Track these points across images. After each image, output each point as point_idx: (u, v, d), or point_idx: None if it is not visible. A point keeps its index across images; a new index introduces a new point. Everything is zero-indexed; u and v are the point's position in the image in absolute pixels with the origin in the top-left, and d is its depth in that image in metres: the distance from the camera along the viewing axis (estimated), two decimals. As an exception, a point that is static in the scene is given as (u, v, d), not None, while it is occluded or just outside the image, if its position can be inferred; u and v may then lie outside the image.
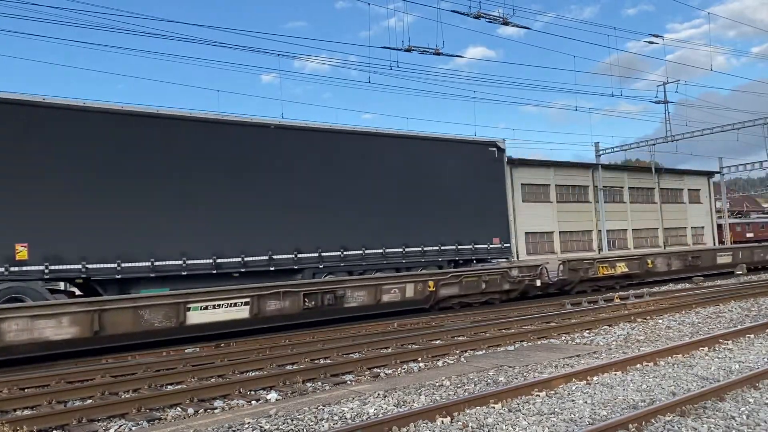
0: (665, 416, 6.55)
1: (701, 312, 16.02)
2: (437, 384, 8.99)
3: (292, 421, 7.21)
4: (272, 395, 9.18)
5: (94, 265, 15.75)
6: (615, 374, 8.84)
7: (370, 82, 44.63)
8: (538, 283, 21.26)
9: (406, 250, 20.84)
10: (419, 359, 11.47)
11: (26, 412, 8.90)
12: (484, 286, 19.89)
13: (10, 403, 9.21)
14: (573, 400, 7.47)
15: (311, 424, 7.08)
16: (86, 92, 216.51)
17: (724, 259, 30.21)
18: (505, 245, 22.96)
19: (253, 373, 10.82)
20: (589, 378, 8.56)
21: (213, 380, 10.53)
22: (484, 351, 12.14)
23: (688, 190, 53.57)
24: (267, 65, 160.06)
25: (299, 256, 18.91)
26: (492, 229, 22.66)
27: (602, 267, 23.57)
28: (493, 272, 20.47)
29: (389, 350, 12.59)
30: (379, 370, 10.73)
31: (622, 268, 24.61)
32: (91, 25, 26.86)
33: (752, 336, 11.81)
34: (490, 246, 22.58)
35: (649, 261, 26.06)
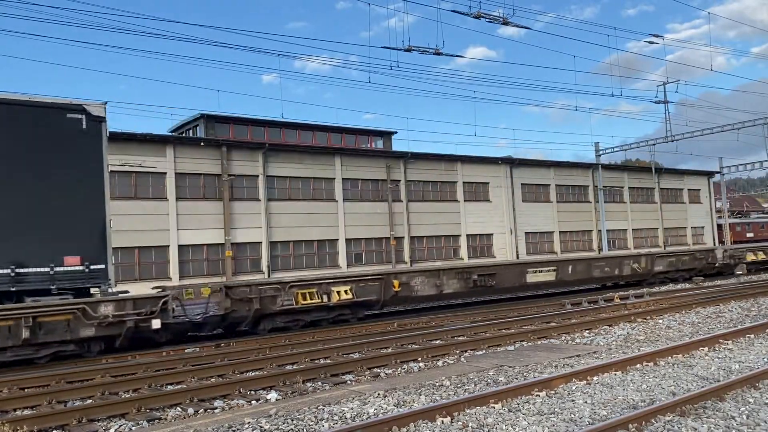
0: (665, 416, 6.55)
1: (701, 312, 16.02)
2: (437, 384, 8.99)
3: (292, 420, 7.21)
4: (272, 395, 9.19)
5: None
6: (615, 374, 8.84)
7: (370, 82, 44.74)
8: (156, 324, 14.07)
9: None
10: (419, 359, 11.48)
11: (26, 411, 8.90)
12: (27, 334, 12.46)
13: (11, 402, 9.21)
14: (573, 400, 7.47)
15: (311, 423, 7.08)
16: (89, 92, 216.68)
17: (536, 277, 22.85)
18: (93, 267, 14.00)
19: (253, 373, 10.82)
20: (589, 378, 8.57)
21: (213, 380, 10.53)
22: (484, 351, 12.14)
23: (688, 190, 53.58)
24: (267, 65, 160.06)
25: None
26: (67, 242, 13.84)
27: (301, 293, 16.58)
28: (59, 309, 13.06)
29: (389, 350, 12.59)
30: (379, 370, 10.74)
31: (341, 295, 17.28)
32: (93, 26, 26.91)
33: (752, 336, 11.81)
34: (58, 269, 13.61)
35: (395, 282, 18.64)
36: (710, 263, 29.84)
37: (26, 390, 10.38)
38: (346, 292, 17.46)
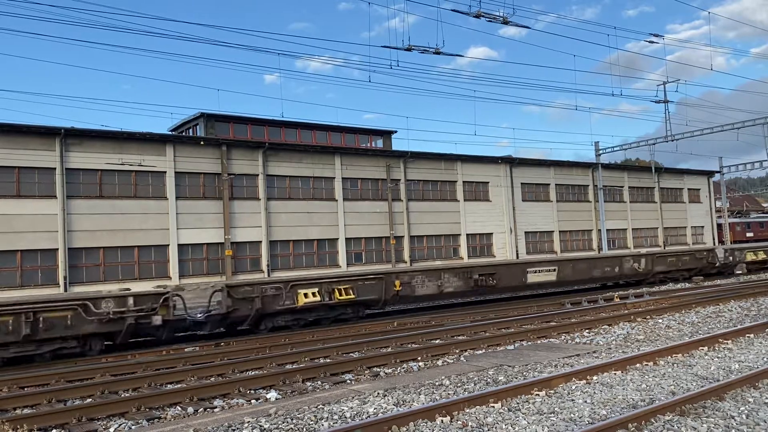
0: (665, 416, 6.55)
1: (701, 311, 16.03)
2: (437, 383, 8.99)
3: (292, 420, 7.21)
4: (272, 394, 9.19)
5: None
6: (615, 374, 8.84)
7: (370, 81, 44.69)
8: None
9: None
10: (419, 358, 11.48)
11: (26, 410, 8.91)
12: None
13: (11, 401, 9.22)
14: (573, 400, 7.47)
15: (311, 423, 7.08)
16: (92, 92, 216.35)
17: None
18: None
19: (253, 372, 10.83)
20: (588, 377, 8.57)
21: (213, 379, 10.54)
22: (483, 350, 12.14)
23: (688, 189, 53.55)
24: (268, 65, 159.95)
25: None
26: None
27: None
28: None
29: (389, 349, 12.60)
30: (378, 370, 10.74)
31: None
32: (93, 25, 26.88)
33: (752, 335, 11.82)
34: None
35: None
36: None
37: (26, 389, 10.39)
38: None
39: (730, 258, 30.85)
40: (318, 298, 16.90)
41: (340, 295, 17.34)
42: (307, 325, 17.10)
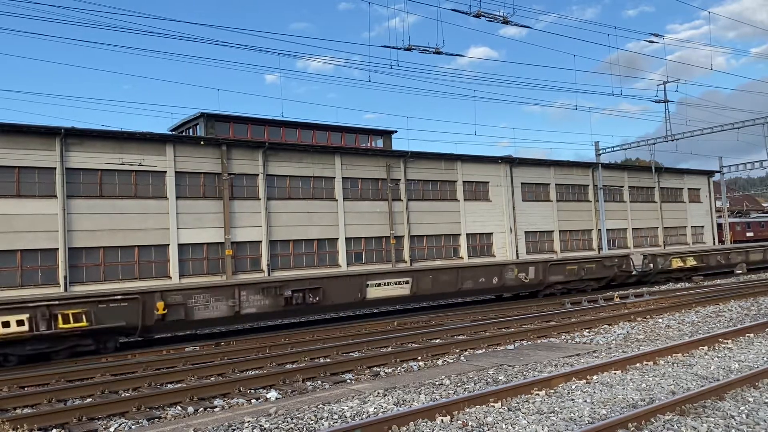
0: (665, 415, 6.55)
1: (701, 311, 16.03)
2: (437, 383, 8.99)
3: (292, 419, 7.21)
4: (272, 394, 9.19)
5: None
6: (615, 373, 8.84)
7: (370, 81, 44.67)
8: None
9: None
10: (419, 358, 11.48)
11: (26, 410, 8.91)
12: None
13: (11, 401, 9.22)
14: (573, 399, 7.47)
15: (311, 422, 7.08)
16: (93, 92, 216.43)
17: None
18: None
19: (253, 372, 10.83)
20: (588, 377, 8.57)
21: (213, 379, 10.54)
22: (483, 350, 12.14)
23: (688, 189, 53.54)
24: (269, 65, 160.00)
25: None
26: None
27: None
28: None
29: (389, 349, 12.60)
30: (378, 369, 10.74)
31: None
32: (94, 25, 26.77)
33: (752, 335, 11.82)
34: None
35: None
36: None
37: (26, 389, 10.39)
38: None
39: (651, 265, 26.51)
40: (25, 328, 13.12)
41: (66, 322, 13.70)
42: (22, 363, 13.40)
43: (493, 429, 6.45)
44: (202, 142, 29.70)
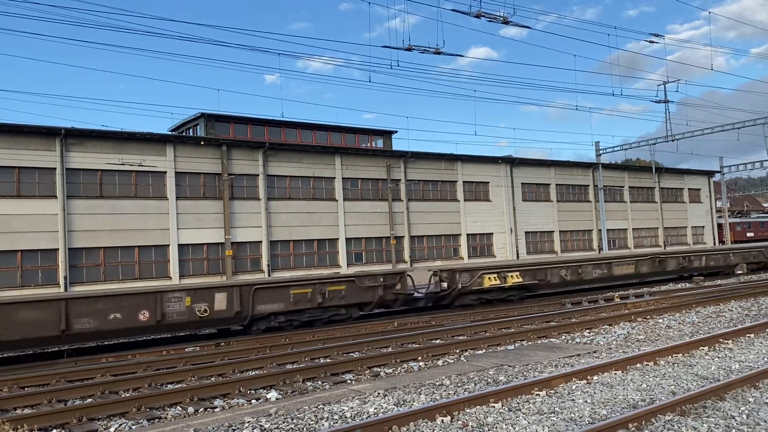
0: (665, 415, 6.54)
1: (701, 311, 16.02)
2: (437, 383, 8.99)
3: (292, 420, 7.21)
4: (272, 394, 9.19)
5: None
6: (615, 374, 8.84)
7: (370, 81, 44.70)
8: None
9: None
10: (419, 358, 11.48)
11: (27, 410, 8.90)
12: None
13: (11, 401, 9.22)
14: (573, 400, 7.47)
15: (311, 423, 7.08)
16: (93, 92, 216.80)
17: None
18: None
19: (253, 372, 10.82)
20: (589, 377, 8.56)
21: (213, 379, 10.53)
22: (484, 350, 12.14)
23: (689, 189, 53.56)
24: (269, 65, 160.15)
25: None
26: None
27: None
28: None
29: (389, 349, 12.59)
30: (379, 369, 10.74)
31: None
32: (93, 25, 26.79)
33: (752, 335, 11.81)
34: None
35: None
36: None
37: (26, 389, 10.39)
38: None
39: (444, 284, 19.44)
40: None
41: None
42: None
43: (494, 429, 6.44)
44: (202, 143, 29.72)
